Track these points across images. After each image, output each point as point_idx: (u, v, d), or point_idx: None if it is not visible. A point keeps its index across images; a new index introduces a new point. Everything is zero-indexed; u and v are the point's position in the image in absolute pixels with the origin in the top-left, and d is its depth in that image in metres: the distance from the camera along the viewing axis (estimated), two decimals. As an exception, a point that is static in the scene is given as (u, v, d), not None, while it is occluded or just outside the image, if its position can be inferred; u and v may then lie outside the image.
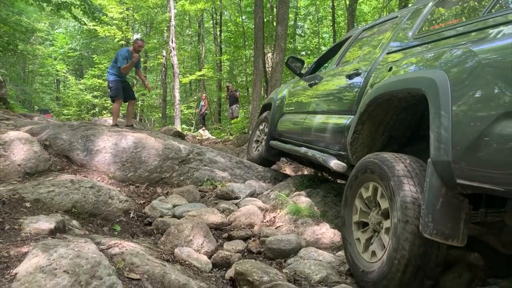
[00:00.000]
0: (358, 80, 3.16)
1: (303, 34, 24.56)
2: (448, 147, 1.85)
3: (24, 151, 4.06)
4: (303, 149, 3.92)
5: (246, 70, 22.54)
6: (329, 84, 3.81)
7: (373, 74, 2.96)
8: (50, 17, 24.68)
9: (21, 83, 28.13)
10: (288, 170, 6.61)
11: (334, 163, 3.20)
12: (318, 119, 3.72)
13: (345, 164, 3.18)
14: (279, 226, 3.47)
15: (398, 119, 2.77)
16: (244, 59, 22.17)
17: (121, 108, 7.30)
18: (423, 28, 2.80)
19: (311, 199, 3.80)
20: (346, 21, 15.49)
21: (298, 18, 23.54)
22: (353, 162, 2.98)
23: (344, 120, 3.19)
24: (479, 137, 1.71)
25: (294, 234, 3.21)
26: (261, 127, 5.70)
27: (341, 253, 3.00)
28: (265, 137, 5.39)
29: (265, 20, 14.16)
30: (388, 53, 2.98)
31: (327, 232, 3.26)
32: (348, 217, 2.67)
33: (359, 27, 4.42)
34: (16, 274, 1.84)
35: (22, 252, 2.15)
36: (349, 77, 3.30)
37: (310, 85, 4.16)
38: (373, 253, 2.35)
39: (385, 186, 2.26)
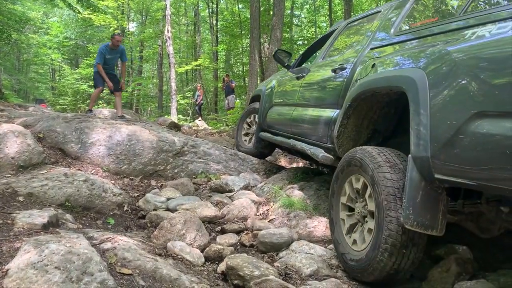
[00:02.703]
0: (343, 74, 3.25)
1: (299, 24, 24.40)
2: (427, 144, 1.95)
3: (17, 144, 4.05)
4: (292, 142, 4.00)
5: (242, 59, 22.42)
6: (315, 77, 3.88)
7: (358, 69, 3.03)
8: (44, 6, 24.37)
9: (16, 73, 27.90)
10: (283, 161, 6.63)
11: (322, 156, 3.31)
12: (306, 112, 3.80)
13: (332, 157, 3.28)
14: (272, 219, 3.50)
15: (381, 113, 2.88)
16: (241, 49, 22.04)
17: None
18: (404, 25, 2.89)
19: (304, 192, 3.83)
20: (343, 10, 15.39)
21: (294, 7, 23.37)
22: (339, 155, 3.07)
23: (331, 113, 3.28)
24: (455, 134, 1.80)
25: (286, 227, 3.24)
26: (249, 119, 5.72)
27: (332, 246, 3.03)
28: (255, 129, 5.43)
29: (261, 9, 14.05)
30: (371, 49, 3.06)
31: (319, 225, 3.29)
32: (336, 204, 2.82)
33: (344, 20, 4.51)
34: (7, 270, 1.86)
35: (15, 248, 2.16)
36: (335, 71, 3.39)
37: (298, 78, 4.21)
38: (363, 239, 2.46)
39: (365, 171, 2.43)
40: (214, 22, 24.06)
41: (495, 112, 1.67)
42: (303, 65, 4.59)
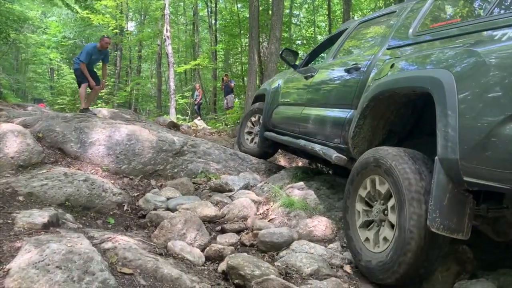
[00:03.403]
0: (357, 74, 3.20)
1: (298, 23, 24.39)
2: (455, 146, 1.92)
3: (17, 143, 4.04)
4: (301, 142, 3.94)
5: (241, 59, 22.39)
6: (327, 77, 3.84)
7: (374, 69, 2.99)
8: (43, 5, 24.31)
9: (14, 72, 27.82)
10: (282, 161, 6.64)
11: (336, 157, 3.25)
12: (317, 112, 3.74)
13: (345, 157, 3.23)
14: (272, 219, 3.50)
15: (398, 114, 2.86)
16: (240, 48, 22.02)
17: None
18: (424, 26, 2.85)
19: (304, 192, 3.83)
20: (342, 10, 15.40)
21: (293, 7, 23.35)
22: (354, 156, 3.03)
23: (344, 113, 3.23)
24: (487, 137, 1.79)
25: (286, 227, 3.24)
26: (253, 119, 5.68)
27: (333, 245, 3.04)
28: (259, 129, 5.42)
29: (260, 8, 14.03)
30: (388, 49, 3.03)
31: (319, 225, 3.30)
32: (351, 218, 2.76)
33: (355, 20, 4.44)
34: (9, 270, 1.86)
35: (15, 247, 2.16)
36: (348, 71, 3.34)
37: (306, 78, 4.17)
38: (384, 239, 2.43)
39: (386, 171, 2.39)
40: (213, 21, 24.03)
41: None
42: (309, 65, 4.58)
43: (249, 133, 5.77)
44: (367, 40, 3.69)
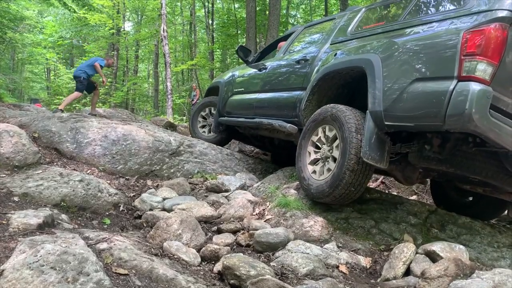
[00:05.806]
0: (307, 63, 4.12)
1: (296, 23, 24.40)
2: (380, 102, 2.87)
3: (12, 143, 4.02)
4: (257, 119, 4.69)
5: (238, 59, 22.37)
6: (280, 68, 4.72)
7: (319, 60, 3.94)
8: (39, 5, 24.17)
9: (10, 72, 27.65)
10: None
11: (289, 126, 4.09)
12: (272, 95, 4.64)
13: (296, 127, 4.06)
14: (268, 219, 3.50)
15: (337, 93, 3.78)
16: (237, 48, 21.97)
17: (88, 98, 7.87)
18: (358, 27, 3.85)
19: (300, 192, 3.82)
20: (339, 10, 15.42)
21: (290, 7, 23.38)
22: (303, 124, 3.82)
23: (296, 94, 4.12)
24: (400, 94, 2.76)
25: (282, 227, 3.24)
26: (204, 113, 6.16)
27: (328, 245, 3.04)
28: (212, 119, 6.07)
29: (257, 9, 14.04)
30: (331, 44, 4.01)
31: (315, 225, 3.30)
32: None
33: (301, 25, 5.52)
34: (3, 270, 1.84)
35: (10, 248, 2.15)
36: (298, 62, 4.27)
37: (260, 70, 5.00)
38: (328, 170, 3.33)
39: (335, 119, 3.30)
40: (210, 21, 24.00)
41: (425, 77, 2.64)
42: (260, 61, 5.31)
43: (203, 126, 6.20)
44: (313, 39, 4.70)
